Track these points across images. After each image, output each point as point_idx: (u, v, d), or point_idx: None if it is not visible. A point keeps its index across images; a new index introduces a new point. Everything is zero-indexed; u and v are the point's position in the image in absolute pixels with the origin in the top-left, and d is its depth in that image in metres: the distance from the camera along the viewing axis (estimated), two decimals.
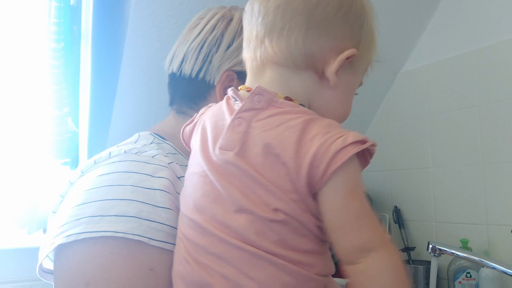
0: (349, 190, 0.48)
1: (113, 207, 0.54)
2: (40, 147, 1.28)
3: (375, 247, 0.47)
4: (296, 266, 0.48)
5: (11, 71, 1.27)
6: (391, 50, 1.59)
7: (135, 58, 1.22)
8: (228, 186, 0.49)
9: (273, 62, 0.54)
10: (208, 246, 0.49)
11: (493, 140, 1.35)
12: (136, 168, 0.58)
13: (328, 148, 0.46)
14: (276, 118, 0.50)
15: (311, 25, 0.53)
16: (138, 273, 0.52)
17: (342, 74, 0.55)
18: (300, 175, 0.47)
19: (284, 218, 0.48)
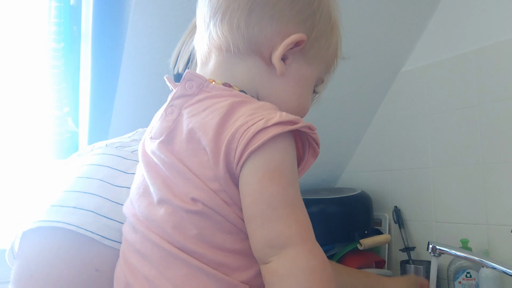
0: (268, 174, 0.41)
1: (74, 199, 0.53)
2: (40, 147, 1.28)
3: (291, 244, 0.40)
4: (214, 268, 0.42)
5: (11, 71, 1.27)
6: (391, 50, 1.59)
7: (135, 58, 1.21)
8: (152, 177, 0.47)
9: (217, 47, 0.51)
10: (135, 243, 0.47)
11: (493, 140, 1.35)
12: (111, 163, 0.57)
13: (248, 129, 0.42)
14: (203, 102, 0.46)
15: (254, 7, 0.49)
16: (82, 273, 0.50)
17: (293, 63, 0.51)
18: (219, 161, 0.42)
19: (203, 209, 0.43)
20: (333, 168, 1.86)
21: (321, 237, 1.74)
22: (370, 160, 1.77)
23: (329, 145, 1.75)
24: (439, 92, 1.51)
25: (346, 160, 1.85)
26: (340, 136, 1.74)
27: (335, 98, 1.62)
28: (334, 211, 1.58)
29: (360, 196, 1.64)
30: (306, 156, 0.48)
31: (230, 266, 0.43)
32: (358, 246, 1.49)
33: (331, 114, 1.66)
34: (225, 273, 0.43)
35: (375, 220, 1.68)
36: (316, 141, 0.47)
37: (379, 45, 1.55)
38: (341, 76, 1.57)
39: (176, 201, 0.44)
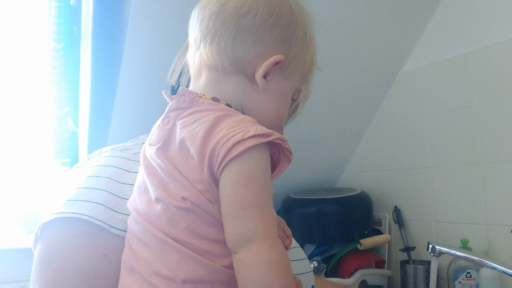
0: (242, 179, 0.49)
1: (86, 194, 0.61)
2: (40, 147, 1.28)
3: (255, 239, 0.48)
4: (201, 255, 0.50)
5: (11, 71, 1.27)
6: (391, 50, 1.59)
7: (135, 58, 1.22)
8: (150, 178, 0.55)
9: (207, 66, 0.59)
10: (137, 233, 0.54)
11: (493, 140, 1.35)
12: (116, 163, 0.65)
13: (228, 140, 0.49)
14: (194, 115, 0.54)
15: (239, 32, 0.57)
16: (92, 257, 0.58)
17: (273, 79, 0.59)
18: (204, 166, 0.50)
19: (190, 206, 0.50)
20: (333, 168, 1.86)
21: (321, 237, 1.75)
22: (370, 160, 1.77)
23: (329, 145, 1.75)
24: (439, 92, 1.51)
25: (346, 160, 1.85)
26: (340, 136, 1.74)
27: (335, 98, 1.62)
28: (334, 211, 1.58)
29: (360, 196, 1.64)
30: (281, 162, 0.55)
31: (214, 253, 0.51)
32: (358, 246, 1.49)
33: (331, 114, 1.66)
34: (210, 259, 0.50)
35: (375, 220, 1.68)
36: (289, 150, 0.54)
37: (379, 45, 1.55)
38: (341, 76, 1.57)
39: (169, 199, 0.51)
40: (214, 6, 0.58)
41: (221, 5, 0.58)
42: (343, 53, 1.50)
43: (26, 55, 1.28)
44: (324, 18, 1.38)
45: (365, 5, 1.41)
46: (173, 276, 0.50)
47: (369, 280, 1.52)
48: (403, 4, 1.48)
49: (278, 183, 1.75)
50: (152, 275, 0.51)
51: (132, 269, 0.54)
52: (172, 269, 0.50)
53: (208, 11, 0.58)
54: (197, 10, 0.61)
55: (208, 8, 0.58)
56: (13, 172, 1.30)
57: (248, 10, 0.57)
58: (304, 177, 1.81)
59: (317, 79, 1.66)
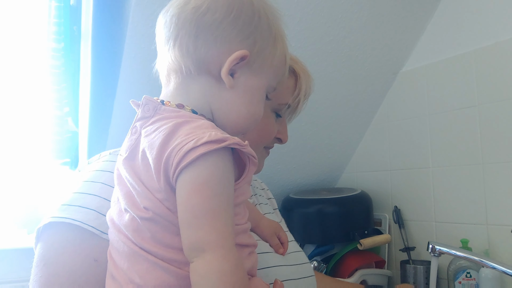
0: (195, 187, 0.48)
1: (80, 199, 0.62)
2: (40, 147, 1.28)
3: (207, 249, 0.47)
4: (168, 263, 0.50)
5: (11, 71, 1.27)
6: (391, 50, 1.59)
7: (135, 58, 1.22)
8: (120, 188, 0.55)
9: (173, 70, 0.58)
10: (114, 242, 0.55)
11: (493, 140, 1.35)
12: (112, 168, 0.64)
13: (181, 148, 0.48)
14: (155, 124, 0.53)
15: (199, 32, 0.56)
16: (83, 262, 0.59)
17: (241, 77, 0.58)
18: (160, 176, 0.50)
19: (152, 216, 0.51)
20: (333, 168, 1.86)
21: (321, 237, 1.75)
22: (370, 160, 1.77)
23: (329, 145, 1.75)
24: (439, 92, 1.51)
25: (346, 160, 1.85)
26: (340, 136, 1.74)
27: (335, 98, 1.62)
28: (334, 211, 1.58)
29: (360, 196, 1.64)
30: (248, 165, 0.54)
31: (181, 261, 0.50)
32: (358, 246, 1.49)
33: (331, 114, 1.66)
34: (178, 267, 0.50)
35: (375, 220, 1.68)
36: (251, 153, 0.52)
37: (379, 45, 1.55)
38: (341, 76, 1.57)
39: (134, 209, 0.52)
40: (175, 9, 0.58)
41: (181, 7, 0.57)
42: (343, 53, 1.50)
43: (26, 55, 1.28)
44: (324, 18, 1.38)
45: (365, 5, 1.41)
46: (143, 284, 0.50)
47: (369, 280, 1.52)
48: (403, 4, 1.48)
49: (278, 183, 1.75)
50: (128, 283, 0.52)
51: (113, 277, 0.55)
52: (142, 277, 0.51)
53: (169, 14, 0.58)
54: (160, 15, 0.60)
55: (170, 12, 0.58)
56: (13, 172, 1.30)
57: (207, 9, 0.56)
58: (304, 177, 1.81)
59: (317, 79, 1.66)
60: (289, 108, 0.81)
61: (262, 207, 0.87)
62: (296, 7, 1.31)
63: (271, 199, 0.97)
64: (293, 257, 0.76)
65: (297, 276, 0.73)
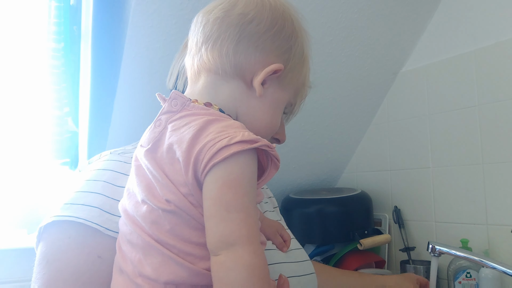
0: (227, 182, 0.49)
1: (83, 198, 0.63)
2: (40, 147, 1.28)
3: (239, 243, 0.48)
4: (183, 257, 0.51)
5: (11, 71, 1.27)
6: (391, 50, 1.59)
7: (135, 58, 1.22)
8: (139, 179, 0.55)
9: (207, 69, 0.59)
10: (126, 234, 0.55)
11: (493, 140, 1.35)
12: (114, 167, 0.67)
13: (214, 145, 0.49)
14: (183, 119, 0.54)
15: (242, 38, 0.58)
16: (86, 259, 0.60)
17: (270, 88, 0.60)
18: (189, 169, 0.50)
19: (174, 209, 0.51)
20: (333, 168, 1.86)
21: (321, 237, 1.75)
22: (370, 160, 1.77)
23: (329, 145, 1.75)
24: (439, 92, 1.51)
25: (346, 160, 1.85)
26: (340, 136, 1.74)
27: (335, 98, 1.62)
28: (334, 211, 1.58)
29: (360, 196, 1.64)
30: (269, 168, 0.55)
31: (196, 256, 0.51)
32: (358, 246, 1.49)
33: (331, 114, 1.66)
34: (191, 262, 0.51)
35: (375, 220, 1.68)
36: (276, 157, 0.54)
37: (379, 45, 1.55)
38: (341, 76, 1.57)
39: (155, 201, 0.52)
40: (220, 12, 0.59)
41: (226, 11, 0.59)
42: (343, 53, 1.50)
43: (26, 55, 1.28)
44: (325, 18, 1.38)
45: (366, 5, 1.41)
46: (156, 277, 0.51)
47: None
48: (404, 4, 1.48)
49: (278, 183, 1.75)
50: (137, 276, 0.52)
51: (121, 270, 0.55)
52: (155, 270, 0.51)
53: (213, 15, 0.60)
54: (201, 15, 0.62)
55: (213, 13, 0.60)
56: (13, 172, 1.30)
57: (252, 18, 0.58)
58: (304, 177, 1.81)
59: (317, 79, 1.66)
60: (286, 109, 0.81)
61: (262, 205, 0.88)
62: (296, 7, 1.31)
63: (271, 198, 0.98)
64: (295, 254, 0.76)
65: (299, 273, 0.73)
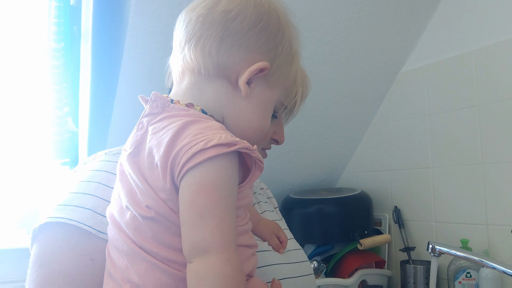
0: (201, 187, 0.47)
1: (76, 199, 0.62)
2: (40, 147, 1.28)
3: (211, 250, 0.46)
4: (167, 264, 0.50)
5: (11, 71, 1.27)
6: (391, 50, 1.59)
7: (135, 58, 1.22)
8: (122, 185, 0.54)
9: (190, 69, 0.58)
10: (113, 240, 0.55)
11: (493, 140, 1.35)
12: (108, 168, 0.66)
13: (190, 149, 0.48)
14: (163, 122, 0.53)
15: (225, 36, 0.56)
16: (79, 261, 0.59)
17: (257, 87, 0.58)
18: (166, 174, 0.49)
19: (155, 215, 0.50)
20: (333, 168, 1.86)
21: (321, 237, 1.75)
22: (370, 160, 1.77)
23: (329, 145, 1.75)
24: (439, 92, 1.51)
25: (346, 160, 1.85)
26: (340, 136, 1.74)
27: (335, 98, 1.62)
28: (334, 211, 1.58)
29: (360, 196, 1.64)
30: (252, 170, 0.53)
31: (181, 263, 0.50)
32: (358, 246, 1.49)
33: (331, 114, 1.66)
34: (176, 269, 0.50)
35: (375, 220, 1.68)
36: (258, 158, 0.52)
37: (379, 45, 1.55)
38: (341, 76, 1.57)
39: (136, 208, 0.51)
40: (203, 9, 0.57)
41: (209, 8, 0.57)
42: (344, 53, 1.50)
43: (26, 55, 1.28)
44: (325, 18, 1.38)
45: (365, 5, 1.41)
46: (142, 284, 0.50)
47: (369, 280, 1.52)
48: (404, 4, 1.48)
49: (278, 183, 1.75)
50: (126, 282, 0.51)
51: (111, 275, 0.54)
52: (141, 277, 0.50)
53: (195, 13, 0.58)
54: (184, 13, 0.60)
55: (196, 11, 0.58)
56: (13, 172, 1.30)
57: (236, 15, 0.56)
58: (304, 177, 1.81)
59: (317, 79, 1.66)
60: (285, 109, 0.80)
61: (262, 205, 0.87)
62: (296, 7, 1.30)
63: (270, 198, 0.97)
64: (293, 255, 0.76)
65: (296, 274, 0.72)
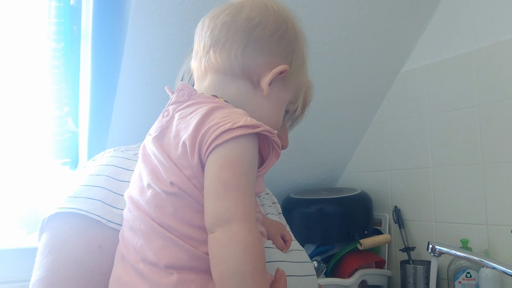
0: (227, 163, 0.51)
1: (86, 191, 0.65)
2: (40, 147, 1.28)
3: (234, 220, 0.49)
4: (184, 240, 0.52)
5: (11, 71, 1.27)
6: (391, 50, 1.59)
7: (135, 58, 1.22)
8: (145, 166, 0.58)
9: (214, 69, 0.62)
10: (129, 220, 0.57)
11: (493, 140, 1.35)
12: (116, 162, 0.70)
13: (217, 128, 0.52)
14: (190, 107, 0.57)
15: (249, 41, 0.62)
16: (87, 248, 0.61)
17: (275, 87, 0.63)
18: (194, 152, 0.53)
19: (178, 191, 0.53)
20: (333, 168, 1.86)
21: (321, 237, 1.75)
22: (370, 160, 1.77)
23: (329, 145, 1.75)
24: (439, 92, 1.51)
25: (346, 160, 1.85)
26: (340, 136, 1.74)
27: (335, 98, 1.62)
28: (334, 211, 1.58)
29: (360, 196, 1.64)
30: (270, 156, 0.58)
31: (198, 240, 0.52)
32: (358, 246, 1.49)
33: (332, 114, 1.66)
34: (193, 245, 0.52)
35: (375, 220, 1.68)
36: (277, 143, 0.56)
37: (379, 45, 1.55)
38: (341, 76, 1.57)
39: (159, 185, 0.54)
40: (227, 16, 0.63)
41: (233, 16, 0.63)
42: (343, 53, 1.50)
43: (26, 55, 1.28)
44: (325, 18, 1.38)
45: (366, 5, 1.41)
46: (156, 261, 0.52)
47: (369, 280, 1.52)
48: (404, 4, 1.48)
49: (278, 183, 1.75)
50: (139, 262, 0.53)
51: (123, 258, 0.56)
52: (156, 254, 0.52)
53: (220, 20, 0.63)
54: (207, 19, 0.65)
55: (220, 18, 0.63)
56: (13, 172, 1.30)
57: (258, 23, 0.62)
58: (304, 177, 1.81)
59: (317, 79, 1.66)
60: (288, 114, 0.82)
61: (266, 208, 0.88)
62: (296, 7, 1.31)
63: (275, 204, 0.98)
64: (296, 255, 0.76)
65: (299, 273, 0.73)
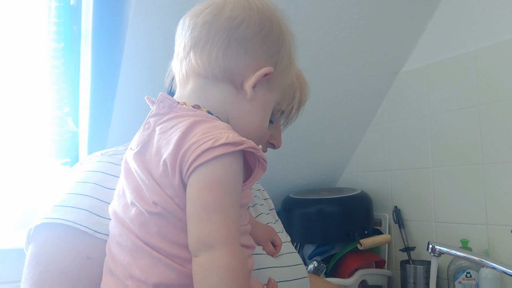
0: (208, 184, 0.49)
1: (72, 200, 0.63)
2: (40, 147, 1.28)
3: (217, 245, 0.48)
4: (171, 259, 0.51)
5: (11, 71, 1.27)
6: (391, 50, 1.59)
7: (135, 58, 1.22)
8: (128, 182, 0.56)
9: (196, 73, 0.59)
10: (115, 236, 0.56)
11: (493, 140, 1.35)
12: (104, 168, 0.67)
13: (198, 147, 0.50)
14: (171, 121, 0.55)
15: (231, 42, 0.58)
16: (75, 259, 0.60)
17: (259, 90, 0.60)
18: (175, 171, 0.51)
19: (161, 211, 0.52)
20: (333, 168, 1.86)
21: (321, 237, 1.75)
22: (370, 160, 1.77)
23: (329, 145, 1.75)
24: (439, 92, 1.51)
25: (346, 160, 1.85)
26: (340, 136, 1.74)
27: (335, 98, 1.62)
28: (334, 211, 1.58)
29: (360, 196, 1.64)
30: (256, 169, 0.55)
31: (185, 258, 0.51)
32: (358, 246, 1.49)
33: (332, 114, 1.66)
34: (180, 264, 0.51)
35: (375, 220, 1.68)
36: (263, 158, 0.54)
37: (379, 45, 1.55)
38: (341, 76, 1.57)
39: (142, 204, 0.53)
40: (207, 15, 0.59)
41: (215, 15, 0.58)
42: (344, 53, 1.50)
43: (26, 55, 1.28)
44: (325, 18, 1.38)
45: (366, 5, 1.41)
46: (145, 279, 0.51)
47: (369, 280, 1.52)
48: (404, 4, 1.48)
49: (278, 183, 1.75)
50: (127, 278, 0.52)
51: (112, 272, 0.55)
52: (144, 272, 0.51)
53: (200, 19, 0.59)
54: (188, 18, 0.61)
55: (201, 17, 0.59)
56: (13, 172, 1.30)
57: (241, 22, 0.58)
58: (304, 177, 1.81)
59: (317, 79, 1.66)
60: (283, 114, 0.80)
61: (257, 207, 0.87)
62: (296, 7, 1.31)
63: (267, 200, 0.97)
64: (287, 258, 0.76)
65: (290, 278, 0.73)
